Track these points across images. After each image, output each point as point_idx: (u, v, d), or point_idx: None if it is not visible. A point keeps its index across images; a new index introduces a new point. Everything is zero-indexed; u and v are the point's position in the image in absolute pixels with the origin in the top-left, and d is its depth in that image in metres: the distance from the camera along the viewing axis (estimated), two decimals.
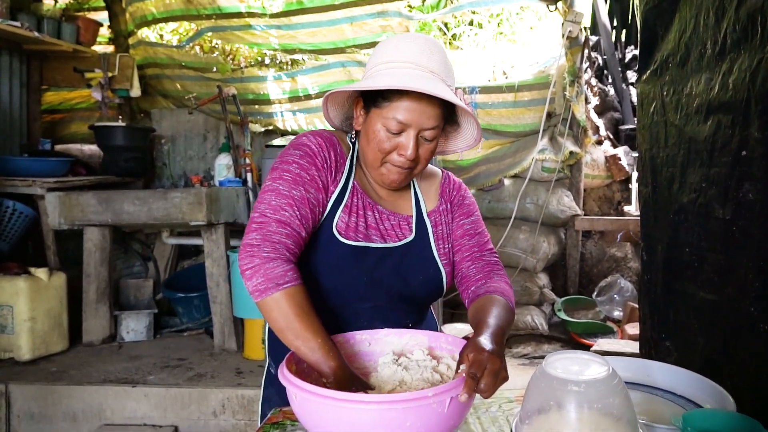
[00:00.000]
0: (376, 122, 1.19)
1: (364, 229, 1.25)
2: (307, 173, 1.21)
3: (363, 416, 0.92)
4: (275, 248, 1.13)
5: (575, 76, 3.85)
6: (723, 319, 1.52)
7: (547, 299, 3.95)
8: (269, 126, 4.52)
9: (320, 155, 1.24)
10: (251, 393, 2.87)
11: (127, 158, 3.98)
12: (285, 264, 1.12)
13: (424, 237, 1.32)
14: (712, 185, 1.56)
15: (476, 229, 1.38)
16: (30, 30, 3.71)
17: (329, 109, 1.29)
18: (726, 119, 1.49)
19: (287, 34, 4.29)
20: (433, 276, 1.31)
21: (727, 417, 0.99)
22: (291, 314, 1.09)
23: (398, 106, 1.16)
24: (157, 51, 4.59)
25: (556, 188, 4.00)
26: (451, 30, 4.87)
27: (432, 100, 1.16)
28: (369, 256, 1.24)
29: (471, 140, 1.31)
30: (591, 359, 0.98)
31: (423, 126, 1.18)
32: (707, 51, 1.59)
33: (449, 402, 0.94)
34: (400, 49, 1.19)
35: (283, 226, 1.15)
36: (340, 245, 1.22)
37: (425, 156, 1.23)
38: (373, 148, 1.21)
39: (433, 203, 1.38)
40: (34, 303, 3.27)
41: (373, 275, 1.24)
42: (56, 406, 2.94)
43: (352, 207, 1.26)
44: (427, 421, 0.94)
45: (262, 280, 1.10)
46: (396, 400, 0.92)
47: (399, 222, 1.31)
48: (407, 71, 1.16)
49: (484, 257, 1.37)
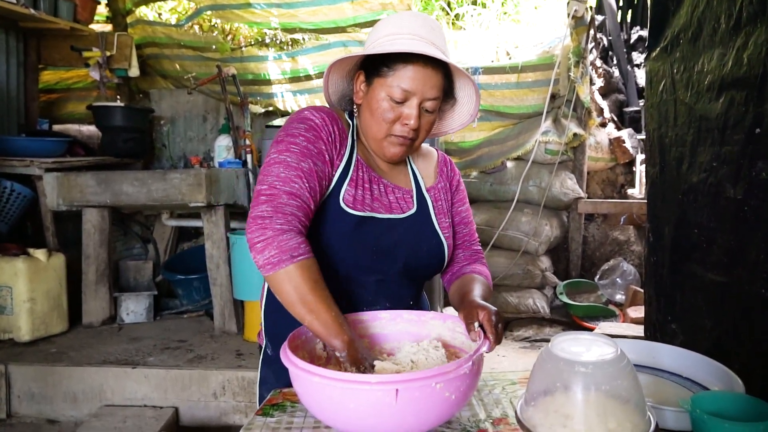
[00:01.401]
0: (380, 92, 1.20)
1: (370, 201, 1.26)
2: (314, 146, 1.20)
3: (363, 396, 0.90)
4: (288, 220, 1.11)
5: (580, 57, 3.79)
6: (732, 301, 1.49)
7: (549, 282, 3.93)
8: (269, 107, 4.47)
9: (325, 129, 1.23)
10: (251, 375, 2.86)
11: (126, 139, 3.93)
12: (298, 236, 1.11)
13: (425, 210, 1.34)
14: (724, 164, 1.52)
15: (468, 218, 1.46)
16: (26, 7, 3.64)
17: (330, 83, 1.30)
18: (740, 96, 1.44)
19: (287, 13, 4.22)
20: (436, 247, 1.33)
21: (736, 399, 0.97)
22: (305, 287, 1.08)
23: (403, 74, 1.18)
24: (155, 30, 4.52)
25: (560, 171, 3.96)
26: (454, 10, 4.79)
27: (435, 69, 1.19)
28: (375, 227, 1.25)
29: (466, 116, 1.34)
30: (598, 340, 0.95)
31: (426, 95, 1.20)
32: (721, 25, 1.54)
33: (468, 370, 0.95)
34: (403, 23, 1.22)
35: (293, 198, 1.14)
36: (348, 216, 1.22)
37: (425, 128, 1.25)
38: (377, 118, 1.22)
39: (431, 180, 1.41)
40: (33, 284, 3.26)
41: (380, 246, 1.25)
42: (56, 387, 2.94)
43: (358, 180, 1.26)
44: (459, 390, 0.94)
45: (275, 252, 1.08)
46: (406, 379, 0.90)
47: (403, 195, 1.33)
48: (411, 41, 1.18)
49: (472, 246, 1.46)
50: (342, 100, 1.36)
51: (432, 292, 3.43)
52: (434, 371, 0.91)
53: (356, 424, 0.93)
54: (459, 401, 0.96)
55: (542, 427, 0.90)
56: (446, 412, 0.96)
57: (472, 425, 1.05)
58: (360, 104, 1.27)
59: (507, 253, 3.89)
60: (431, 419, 0.95)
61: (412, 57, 1.17)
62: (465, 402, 1.00)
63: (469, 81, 1.26)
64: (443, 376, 0.91)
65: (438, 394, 0.91)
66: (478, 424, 1.05)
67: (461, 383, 0.94)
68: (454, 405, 0.96)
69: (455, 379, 0.93)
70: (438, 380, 0.90)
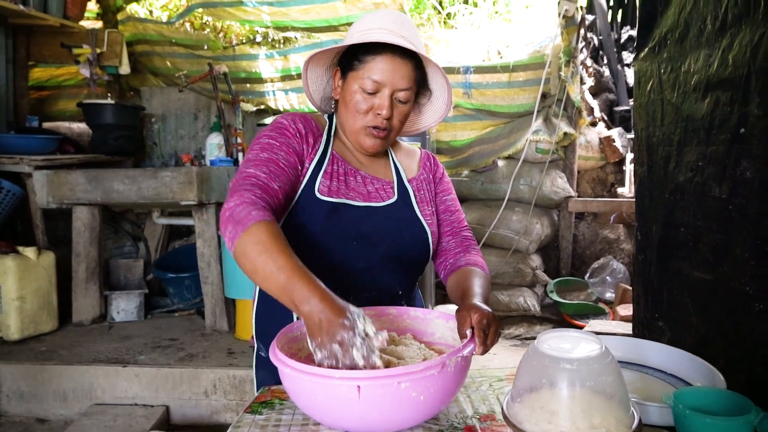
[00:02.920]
0: (353, 84, 1.25)
1: (345, 191, 1.30)
2: (276, 141, 1.25)
3: (352, 392, 0.90)
4: (241, 196, 1.12)
5: (571, 57, 3.81)
6: (718, 298, 1.50)
7: (539, 281, 3.95)
8: (261, 105, 4.46)
9: (292, 127, 1.29)
10: (242, 373, 2.86)
11: (117, 137, 3.92)
12: (250, 205, 1.10)
13: (407, 199, 1.37)
14: (709, 164, 1.54)
15: (455, 207, 1.48)
16: (15, 3, 3.62)
17: (310, 82, 1.36)
18: (725, 96, 1.46)
19: (279, 12, 4.21)
20: (419, 234, 1.35)
21: (717, 394, 0.99)
22: (258, 249, 1.03)
23: (373, 66, 1.23)
24: (146, 27, 4.50)
25: (550, 170, 3.98)
26: (445, 8, 4.80)
27: (404, 60, 1.24)
28: (351, 213, 1.28)
29: (442, 107, 1.37)
30: (583, 338, 0.96)
31: (397, 86, 1.24)
32: (707, 27, 1.56)
33: (454, 365, 0.96)
34: (375, 20, 1.28)
35: (249, 179, 1.17)
36: (322, 203, 1.26)
37: (399, 118, 1.29)
38: (351, 110, 1.27)
39: (413, 173, 1.44)
40: (22, 282, 3.24)
41: (360, 232, 1.27)
42: (46, 386, 2.93)
43: (333, 173, 1.30)
44: (428, 391, 0.94)
45: (230, 227, 1.08)
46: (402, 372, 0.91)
47: (382, 186, 1.36)
48: (381, 35, 1.23)
49: (462, 233, 1.46)
50: (326, 102, 1.41)
51: (424, 289, 3.45)
52: (399, 370, 0.91)
53: (325, 414, 0.96)
54: (432, 403, 0.95)
55: (528, 423, 0.91)
56: (417, 412, 0.95)
57: (459, 421, 1.06)
58: (338, 100, 1.32)
59: (498, 252, 3.91)
60: (399, 418, 0.95)
61: (382, 49, 1.22)
62: (442, 404, 0.99)
63: (439, 71, 1.29)
64: (408, 376, 0.90)
65: (404, 393, 0.91)
66: (465, 421, 1.06)
67: (431, 384, 0.93)
68: (426, 406, 0.95)
69: (423, 380, 0.92)
70: (402, 380, 0.90)
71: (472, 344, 1.03)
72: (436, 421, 1.06)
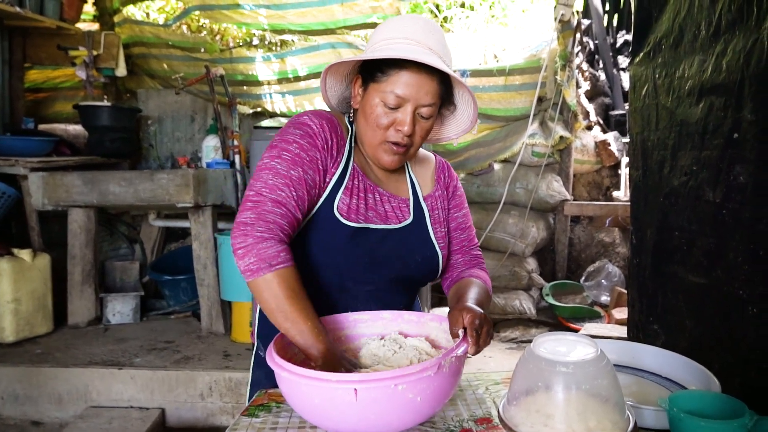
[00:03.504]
0: (374, 97, 1.19)
1: (365, 211, 1.24)
2: (306, 154, 1.19)
3: (348, 395, 0.91)
4: (269, 228, 1.11)
5: (566, 61, 3.83)
6: (712, 302, 1.52)
7: (535, 284, 3.96)
8: (258, 108, 4.46)
9: (321, 136, 1.21)
10: (239, 376, 2.86)
11: (113, 139, 3.91)
12: (278, 245, 1.10)
13: (422, 220, 1.33)
14: (703, 168, 1.55)
15: (467, 223, 1.44)
16: (11, 5, 3.61)
17: (328, 86, 1.29)
18: (719, 101, 1.47)
19: (276, 14, 4.22)
20: (430, 257, 1.32)
21: (712, 398, 0.99)
22: (282, 296, 1.08)
23: (397, 80, 1.16)
24: (143, 29, 4.50)
25: (546, 173, 3.99)
26: (442, 12, 4.82)
27: (430, 75, 1.17)
28: (370, 237, 1.23)
29: (466, 122, 1.32)
30: (579, 341, 0.97)
31: (420, 101, 1.18)
32: (701, 32, 1.57)
33: (448, 367, 0.96)
34: (401, 28, 1.21)
35: (278, 206, 1.13)
36: (342, 227, 1.21)
37: (421, 134, 1.23)
38: (371, 124, 1.21)
39: (428, 188, 1.39)
40: (17, 284, 3.23)
41: (374, 256, 1.24)
42: (41, 388, 2.92)
43: (353, 189, 1.25)
44: (424, 392, 0.94)
45: (254, 260, 1.08)
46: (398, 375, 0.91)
47: (399, 204, 1.31)
48: (406, 46, 1.18)
49: (472, 251, 1.43)
50: (342, 103, 1.34)
51: (420, 293, 3.45)
52: (395, 372, 0.91)
53: (322, 418, 0.96)
54: (428, 404, 0.96)
55: (524, 426, 0.92)
56: (414, 414, 0.95)
57: (455, 425, 1.06)
58: (357, 109, 1.26)
59: (494, 255, 3.92)
60: (396, 420, 0.95)
61: (407, 62, 1.15)
62: (438, 405, 1.00)
63: (465, 89, 1.24)
64: (404, 378, 0.90)
65: (401, 395, 0.91)
66: (461, 424, 1.07)
67: (427, 386, 0.93)
68: (423, 408, 0.95)
69: (419, 381, 0.92)
70: (399, 382, 0.90)
71: (465, 344, 1.04)
72: (432, 424, 1.06)
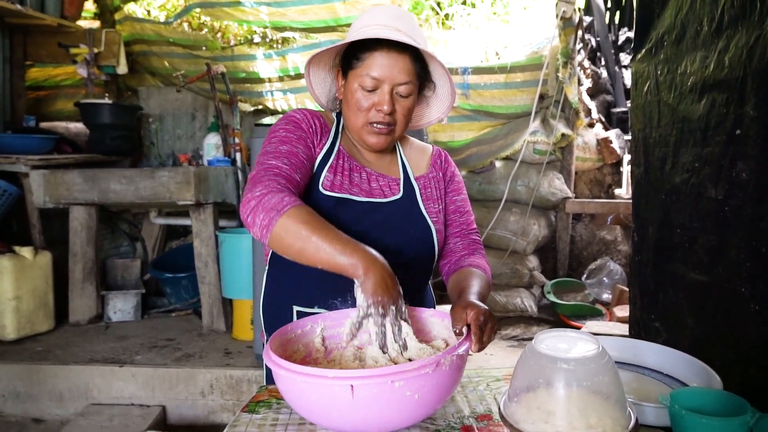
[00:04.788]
0: (353, 83, 1.26)
1: (348, 186, 1.30)
2: (293, 134, 1.28)
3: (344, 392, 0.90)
4: (266, 185, 1.14)
5: (568, 58, 3.81)
6: (713, 299, 1.51)
7: (536, 282, 3.95)
8: (259, 105, 4.46)
9: (304, 121, 1.31)
10: (239, 373, 2.86)
11: (114, 136, 3.91)
12: (279, 193, 1.12)
13: (412, 196, 1.37)
14: (705, 165, 1.54)
15: (465, 208, 1.47)
16: (12, 2, 3.61)
17: (316, 86, 1.37)
18: (721, 98, 1.46)
19: (277, 12, 4.21)
20: (423, 232, 1.34)
21: (713, 395, 0.99)
22: (303, 231, 1.07)
23: (371, 63, 1.23)
24: (144, 27, 4.49)
25: (548, 171, 3.98)
26: (444, 9, 4.80)
27: (401, 54, 1.23)
28: (353, 208, 1.28)
29: (447, 97, 1.37)
30: (580, 338, 0.97)
31: (396, 80, 1.24)
32: (704, 28, 1.56)
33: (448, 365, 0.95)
34: (372, 16, 1.28)
35: (272, 170, 1.18)
36: (325, 197, 1.27)
37: (402, 113, 1.28)
38: (353, 108, 1.27)
39: (422, 170, 1.43)
40: (18, 282, 3.24)
41: (361, 227, 1.26)
42: (42, 386, 2.92)
43: (338, 167, 1.31)
44: (423, 390, 0.93)
45: (262, 216, 1.09)
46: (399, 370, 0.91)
47: (388, 183, 1.36)
48: (377, 31, 1.23)
49: (470, 235, 1.45)
50: (332, 101, 1.41)
51: None
52: (392, 369, 0.91)
53: (320, 415, 0.96)
54: (427, 402, 0.95)
55: (525, 423, 0.92)
56: (412, 411, 0.95)
57: (456, 421, 1.06)
58: (341, 100, 1.33)
59: (495, 252, 3.91)
60: (395, 418, 0.95)
61: (378, 45, 1.22)
62: (437, 402, 0.99)
63: (437, 63, 1.28)
64: (401, 375, 0.90)
65: (398, 392, 0.91)
66: (462, 421, 1.07)
67: (425, 383, 0.93)
68: (421, 405, 0.94)
69: (416, 379, 0.91)
70: (396, 378, 0.89)
71: (467, 342, 1.03)
72: (432, 420, 1.06)
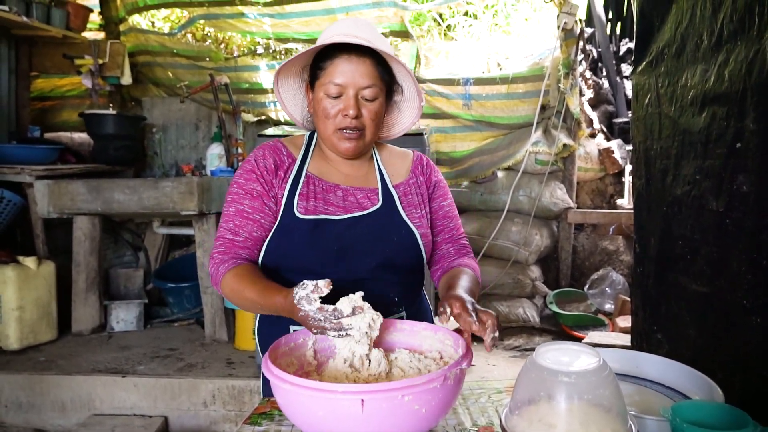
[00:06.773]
0: (319, 92, 1.29)
1: (324, 207, 1.32)
2: (242, 188, 1.34)
3: (351, 407, 0.90)
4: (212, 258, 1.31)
5: (570, 69, 3.84)
6: (715, 311, 1.51)
7: (539, 292, 3.95)
8: (262, 116, 4.48)
9: (260, 165, 1.35)
10: (242, 384, 2.86)
11: (118, 147, 3.94)
12: (232, 258, 1.28)
13: (392, 204, 1.38)
14: (706, 177, 1.55)
15: (452, 213, 1.49)
16: (18, 14, 3.65)
17: (285, 102, 1.41)
18: (721, 111, 1.47)
19: (281, 23, 4.25)
20: (407, 239, 1.36)
21: (715, 408, 0.99)
22: (238, 286, 1.23)
23: (333, 70, 1.26)
24: (148, 38, 4.54)
25: (550, 181, 3.99)
26: (446, 20, 4.83)
27: (362, 59, 1.26)
28: (334, 226, 1.30)
29: (414, 98, 1.37)
30: (582, 350, 0.97)
31: (359, 84, 1.26)
32: (703, 42, 1.58)
33: (453, 378, 0.96)
34: (333, 27, 1.32)
35: (217, 240, 1.32)
36: (302, 222, 1.30)
37: (370, 117, 1.30)
38: (321, 117, 1.30)
39: (401, 177, 1.44)
40: (22, 292, 3.24)
41: (343, 244, 1.30)
42: (45, 396, 2.92)
43: (309, 194, 1.34)
44: (429, 403, 0.93)
45: (211, 278, 1.30)
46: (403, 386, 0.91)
47: (366, 194, 1.37)
48: (333, 39, 1.26)
49: (460, 240, 1.48)
50: (308, 119, 1.43)
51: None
52: (402, 383, 0.91)
53: (324, 430, 0.94)
54: (432, 415, 0.95)
55: None
56: (417, 425, 0.95)
57: None
58: (312, 113, 1.36)
59: (497, 263, 3.91)
60: (401, 431, 0.95)
61: (339, 52, 1.25)
62: (440, 416, 0.99)
63: (399, 64, 1.30)
64: (411, 389, 0.90)
65: (406, 406, 0.91)
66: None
67: (432, 397, 0.93)
68: (426, 418, 0.95)
69: (425, 393, 0.92)
70: (406, 392, 0.90)
71: (466, 360, 1.02)
72: None
